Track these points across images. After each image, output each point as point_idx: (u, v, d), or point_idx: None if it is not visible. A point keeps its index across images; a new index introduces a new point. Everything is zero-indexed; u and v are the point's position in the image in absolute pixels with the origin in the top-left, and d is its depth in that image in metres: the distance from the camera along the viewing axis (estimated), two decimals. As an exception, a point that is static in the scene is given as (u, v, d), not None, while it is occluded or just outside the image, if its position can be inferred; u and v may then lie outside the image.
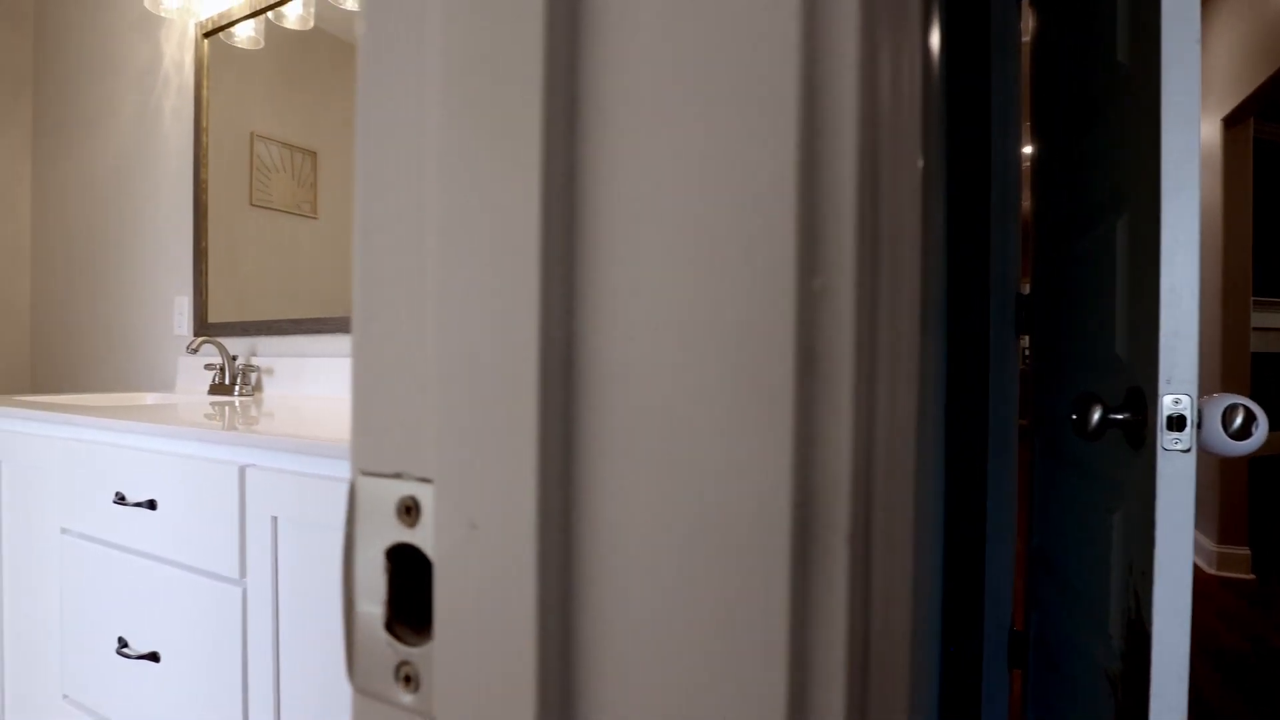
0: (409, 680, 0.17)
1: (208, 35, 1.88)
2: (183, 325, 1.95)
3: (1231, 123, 2.66)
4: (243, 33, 1.84)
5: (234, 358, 1.71)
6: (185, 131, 1.98)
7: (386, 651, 0.17)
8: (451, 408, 0.15)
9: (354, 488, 0.18)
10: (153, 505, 0.97)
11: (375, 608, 0.17)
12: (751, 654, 0.13)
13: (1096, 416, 0.75)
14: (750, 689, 0.13)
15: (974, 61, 1.22)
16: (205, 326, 1.86)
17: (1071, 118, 1.03)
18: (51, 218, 2.43)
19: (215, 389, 1.70)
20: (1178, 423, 0.66)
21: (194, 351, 1.62)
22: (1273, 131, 3.46)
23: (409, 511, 0.17)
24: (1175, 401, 0.66)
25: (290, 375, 1.66)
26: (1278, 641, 2.18)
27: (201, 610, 0.92)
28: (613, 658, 0.14)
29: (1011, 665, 1.25)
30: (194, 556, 0.92)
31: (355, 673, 0.18)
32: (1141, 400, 0.73)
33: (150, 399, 1.73)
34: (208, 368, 1.74)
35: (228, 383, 1.70)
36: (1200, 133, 0.66)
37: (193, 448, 0.94)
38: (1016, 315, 1.24)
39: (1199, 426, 0.67)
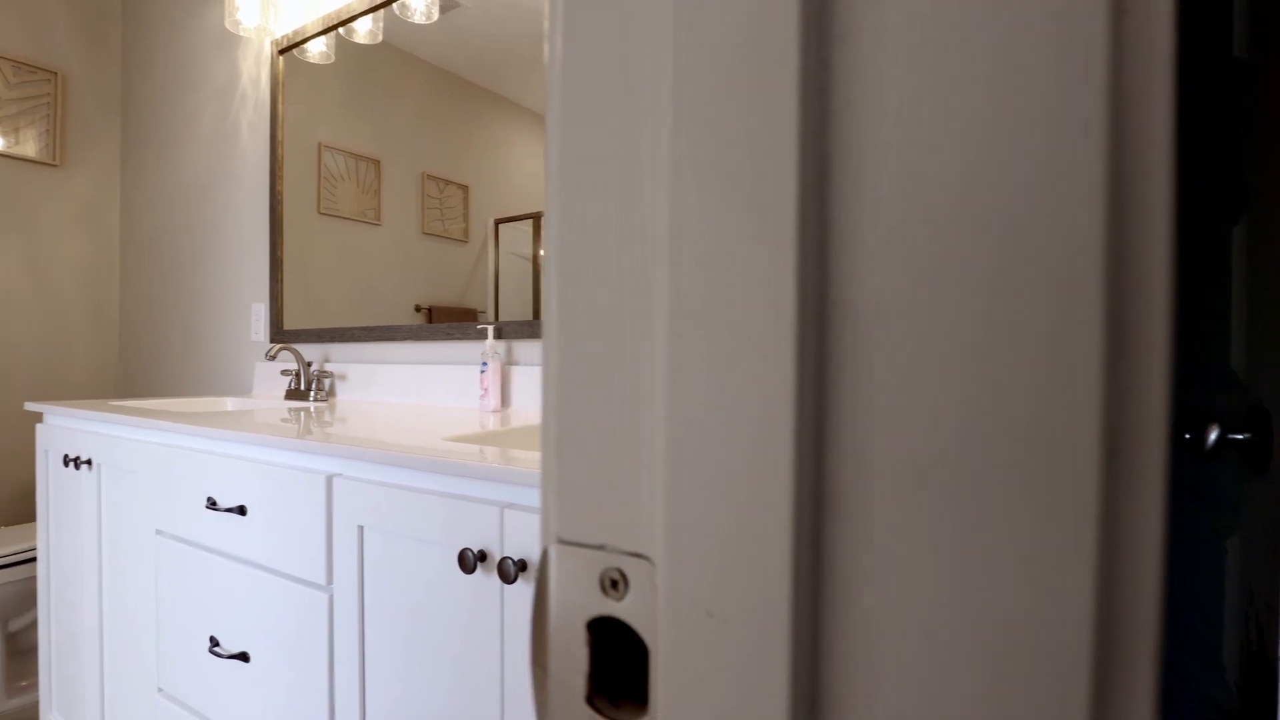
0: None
1: (283, 52, 1.95)
2: (259, 332, 2.03)
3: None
4: (315, 48, 1.90)
5: (309, 364, 1.77)
6: (261, 145, 2.05)
7: (588, 725, 0.17)
8: (686, 492, 0.15)
9: (547, 555, 0.17)
10: (243, 511, 1.01)
11: (575, 678, 0.17)
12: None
13: (1214, 436, 0.70)
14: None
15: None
16: (280, 333, 1.93)
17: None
18: (138, 229, 2.56)
19: (291, 394, 1.76)
20: (1312, 446, 0.61)
21: (272, 358, 1.68)
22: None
23: (615, 586, 0.16)
24: (1310, 423, 0.62)
25: (362, 381, 1.71)
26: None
27: (289, 614, 0.95)
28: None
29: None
30: (282, 562, 0.95)
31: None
32: (1266, 421, 0.68)
33: (230, 404, 1.80)
34: (284, 373, 1.80)
35: (303, 388, 1.75)
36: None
37: (282, 456, 0.97)
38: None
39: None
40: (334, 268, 1.91)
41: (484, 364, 1.38)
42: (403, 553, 0.81)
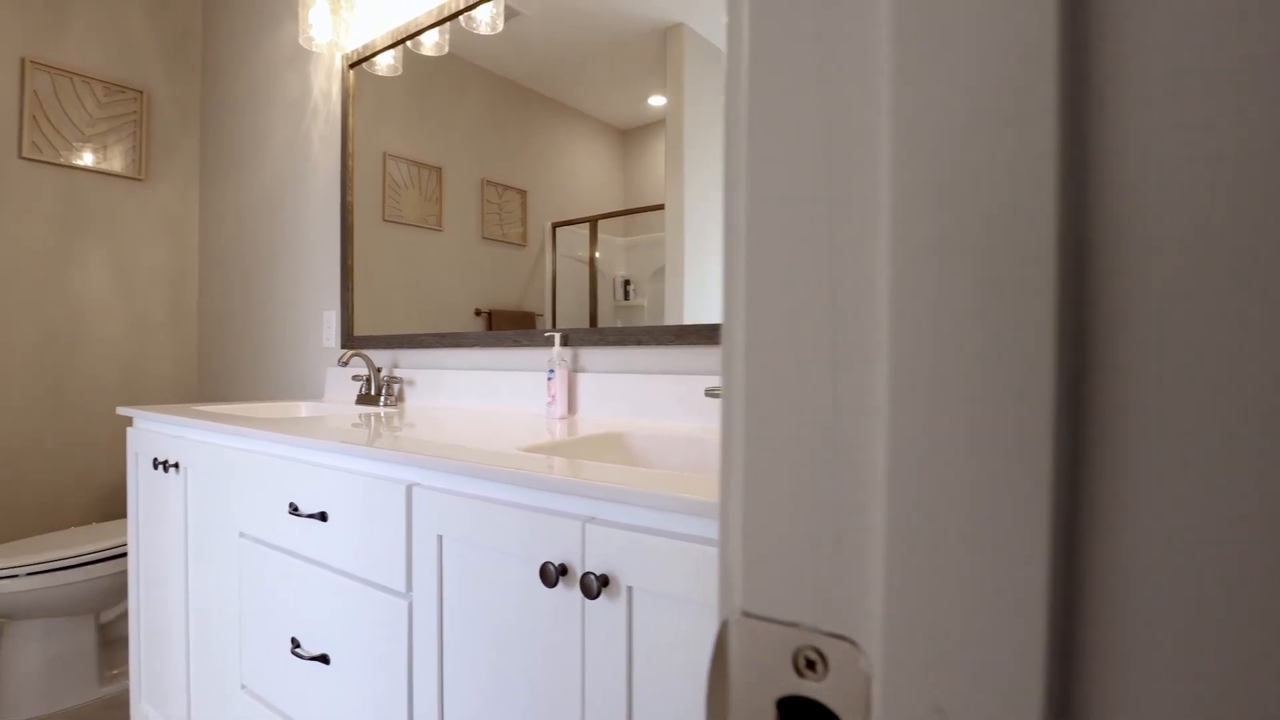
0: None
1: (353, 66, 2.00)
2: (330, 338, 2.10)
3: None
4: (383, 61, 1.95)
5: (378, 369, 1.82)
6: (332, 156, 2.12)
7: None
8: (914, 578, 0.14)
9: (728, 627, 0.16)
10: (324, 517, 1.03)
11: (763, 758, 0.16)
12: None
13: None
14: None
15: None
16: (351, 339, 1.99)
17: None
18: (215, 239, 2.68)
19: (362, 399, 1.81)
20: None
21: (344, 364, 1.73)
22: None
23: (811, 666, 0.15)
24: None
25: (429, 386, 1.74)
26: None
27: (369, 619, 0.97)
28: None
29: None
30: (362, 568, 0.98)
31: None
32: None
33: (304, 409, 1.86)
34: (355, 378, 1.85)
35: (373, 393, 1.80)
36: None
37: (362, 464, 1.00)
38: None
39: None
40: (398, 273, 1.96)
41: (551, 371, 1.38)
42: (482, 563, 0.82)
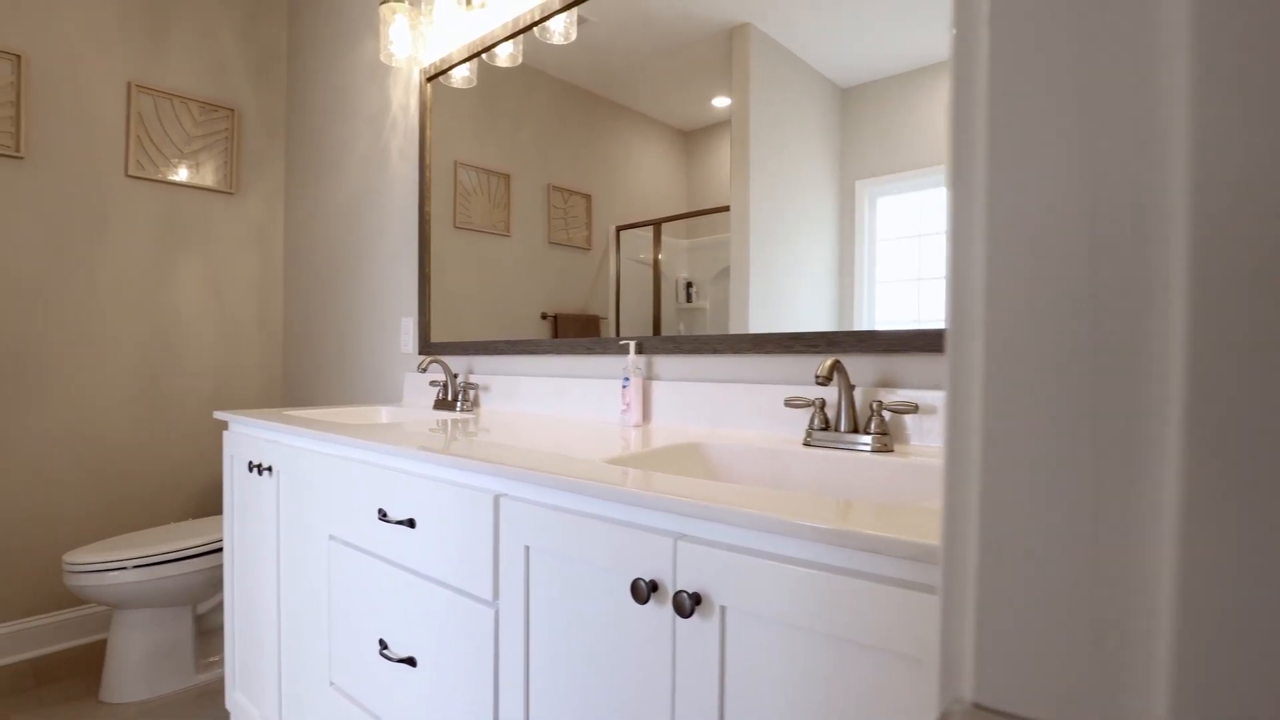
0: None
1: (430, 79, 2.06)
2: (408, 344, 2.16)
3: None
4: (458, 74, 2.00)
5: (455, 375, 1.86)
6: (410, 167, 2.18)
7: None
8: (1216, 685, 0.12)
9: (951, 716, 0.15)
10: (412, 524, 1.06)
11: None
12: None
13: None
14: None
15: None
16: (428, 345, 2.04)
17: None
18: (299, 248, 2.80)
19: (439, 404, 1.86)
20: None
21: (423, 370, 1.77)
22: None
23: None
24: None
25: (504, 392, 1.77)
26: None
27: (456, 625, 0.99)
28: None
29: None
30: (450, 575, 0.99)
31: None
32: None
33: (384, 413, 1.92)
34: (432, 384, 1.90)
35: (450, 398, 1.84)
36: None
37: (451, 474, 1.01)
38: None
39: None
40: (467, 278, 2.02)
41: (626, 379, 1.38)
42: (569, 575, 0.82)
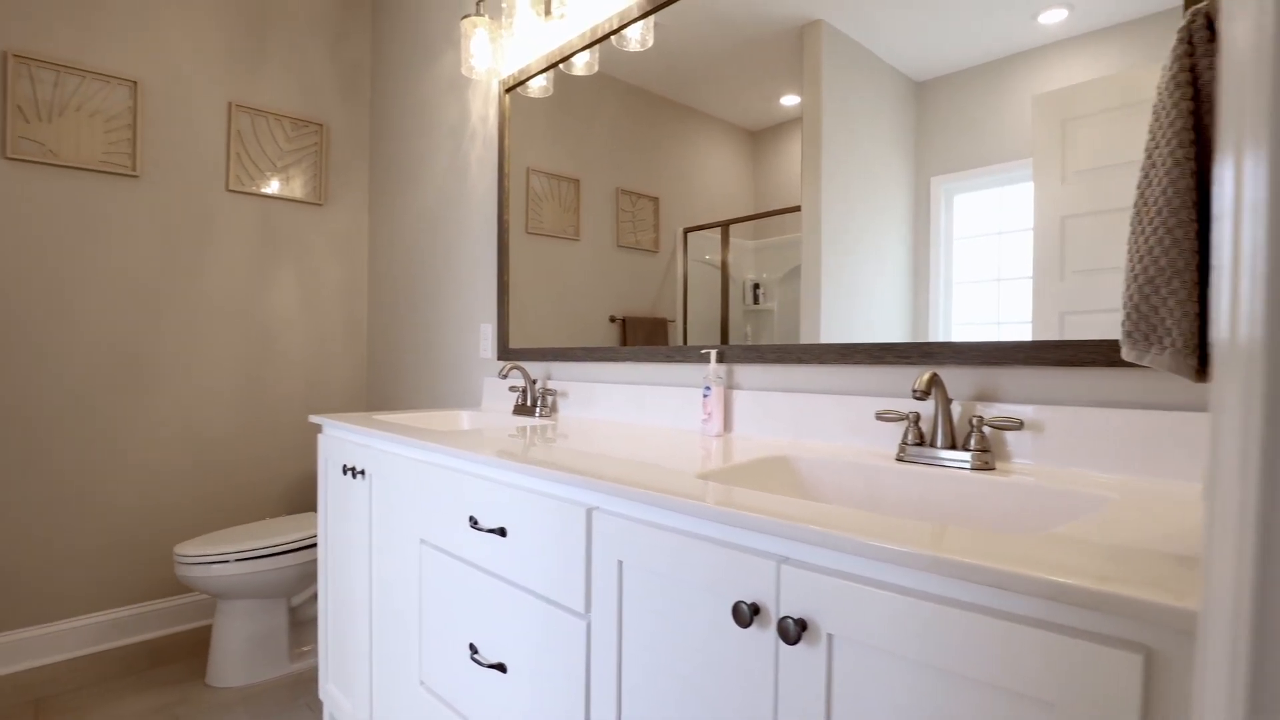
0: None
1: (508, 90, 2.10)
2: (487, 349, 2.21)
3: None
4: (535, 84, 2.03)
5: (534, 381, 1.88)
6: (489, 177, 2.23)
7: None
8: None
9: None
10: (503, 532, 1.08)
11: None
12: None
13: None
14: None
15: None
16: (507, 351, 2.08)
17: None
18: (382, 257, 2.90)
19: (518, 409, 1.89)
20: None
21: (504, 376, 1.81)
22: None
23: None
24: None
25: (582, 399, 1.79)
26: None
27: (547, 634, 1.00)
28: None
29: None
30: (541, 585, 1.01)
31: None
32: None
33: (466, 418, 1.97)
34: (511, 389, 1.93)
35: (529, 404, 1.87)
36: None
37: (542, 485, 1.03)
38: None
39: None
40: (538, 282, 2.06)
41: (707, 388, 1.37)
42: (665, 592, 0.81)
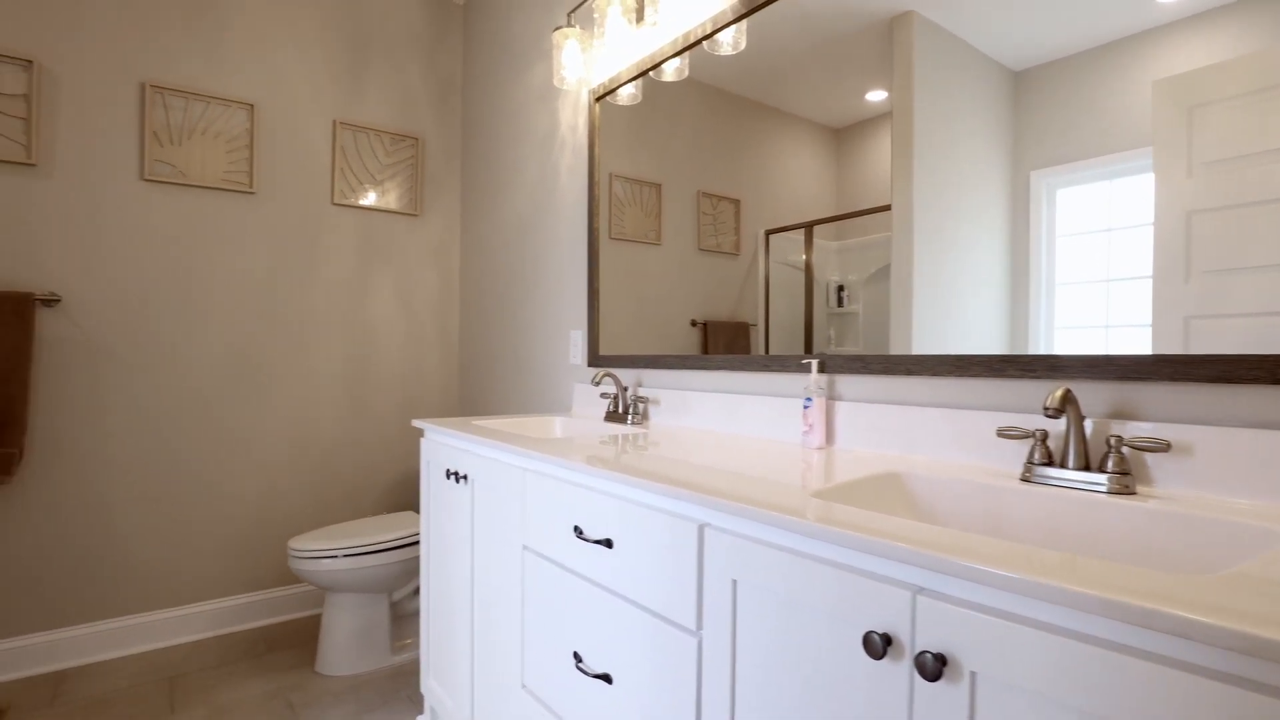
0: None
1: (599, 99, 2.12)
2: (577, 356, 2.24)
3: None
4: (625, 92, 2.03)
5: (625, 388, 1.89)
6: (578, 185, 2.26)
7: None
8: None
9: None
10: (609, 544, 1.08)
11: None
12: None
13: None
14: None
15: None
16: (598, 358, 2.10)
17: None
18: (473, 265, 2.99)
19: (610, 416, 1.90)
20: None
21: (597, 383, 1.82)
22: None
23: None
24: None
25: (674, 407, 1.78)
26: None
27: (655, 649, 1.00)
28: None
29: None
30: (649, 599, 1.00)
31: None
32: None
33: (558, 425, 2.00)
34: (602, 396, 1.95)
35: (620, 411, 1.88)
36: None
37: (650, 498, 1.02)
38: None
39: None
40: (620, 287, 2.08)
41: (808, 399, 1.34)
42: (783, 616, 0.80)
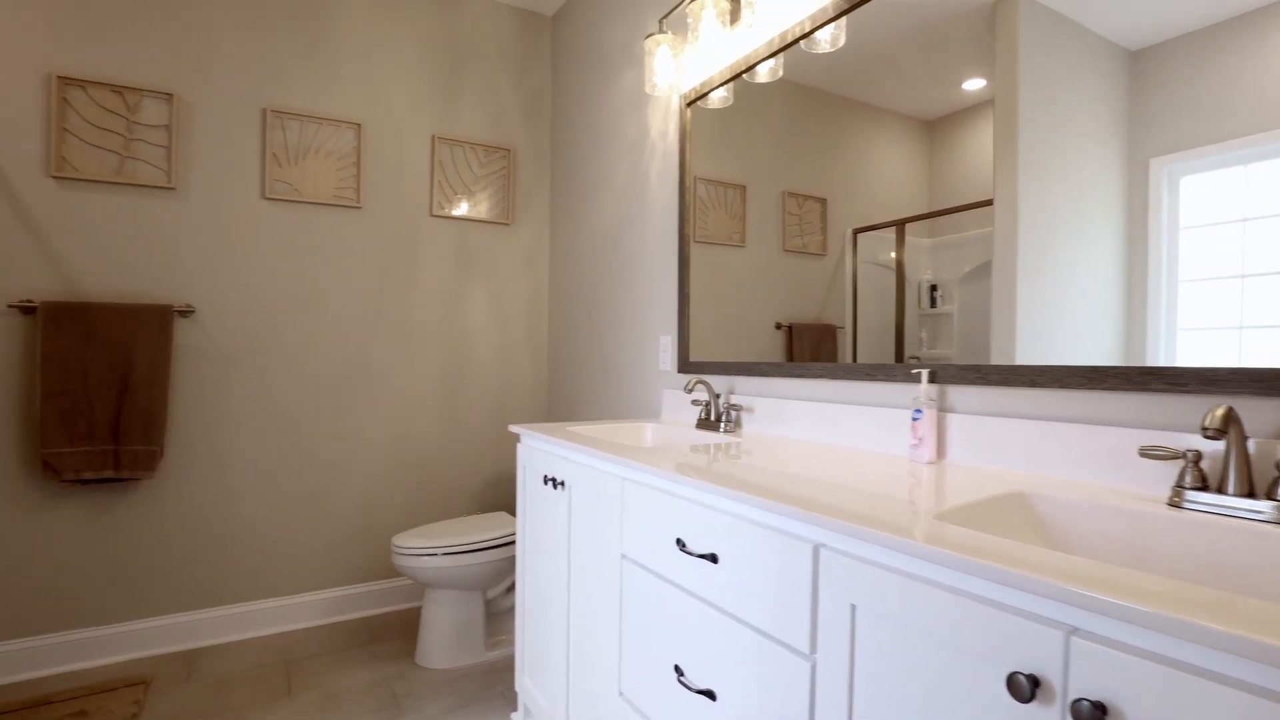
0: None
1: (690, 104, 2.10)
2: (666, 362, 2.23)
3: None
4: (716, 95, 2.01)
5: (717, 395, 1.87)
6: (668, 190, 2.25)
7: None
8: None
9: None
10: (714, 559, 1.06)
11: None
12: None
13: None
14: None
15: None
16: (687, 364, 2.09)
17: None
18: (562, 271, 3.04)
19: (702, 424, 1.88)
20: None
21: (689, 390, 1.81)
22: None
23: None
24: None
25: (769, 415, 1.74)
26: None
27: (763, 670, 0.97)
28: None
29: None
30: (756, 617, 0.98)
31: None
32: None
33: (649, 432, 1.99)
34: (694, 403, 1.93)
35: (712, 419, 1.86)
36: None
37: (758, 514, 1.00)
38: None
39: None
40: (704, 290, 2.06)
41: (917, 411, 1.28)
42: (907, 645, 0.76)
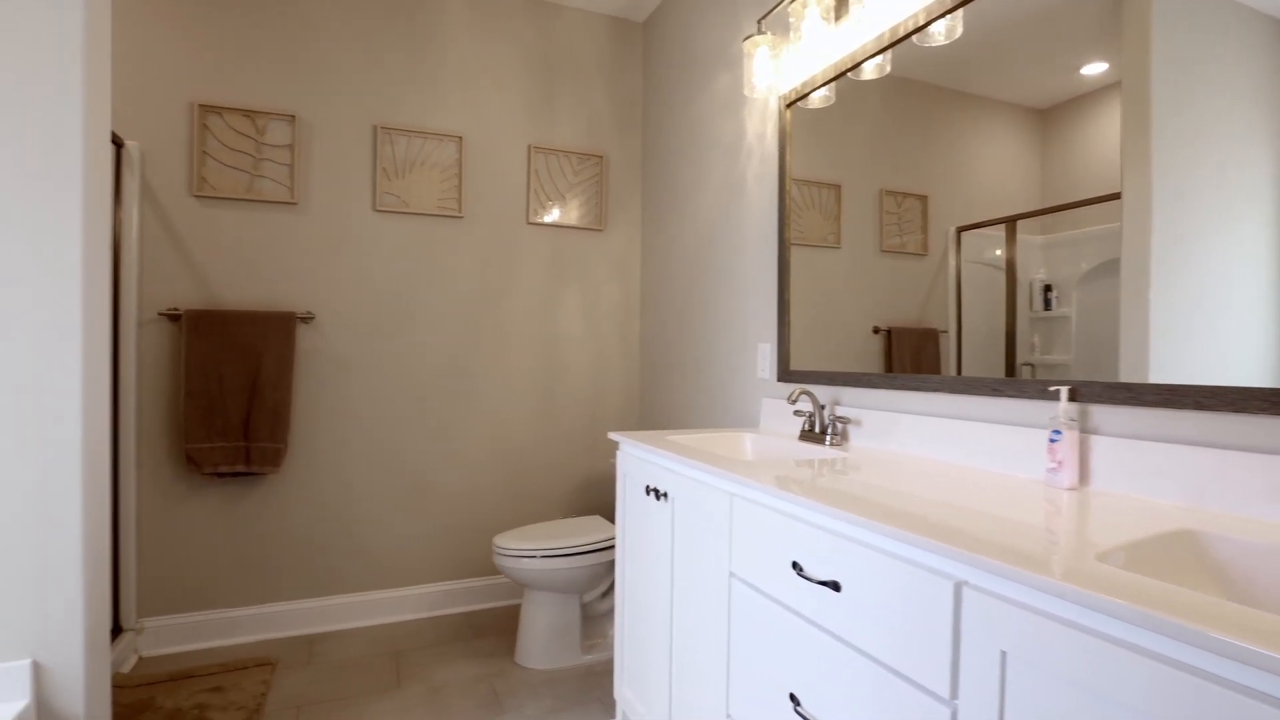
0: None
1: (790, 105, 2.04)
2: (765, 370, 2.17)
3: None
4: (817, 95, 1.94)
5: (822, 407, 1.80)
6: (767, 193, 2.20)
7: None
8: None
9: None
10: (836, 587, 1.01)
11: None
12: None
13: None
14: None
15: None
16: (788, 373, 2.02)
17: None
18: (655, 276, 3.02)
19: (805, 436, 1.82)
20: None
21: (793, 401, 1.75)
22: None
23: None
24: None
25: (879, 429, 1.66)
26: None
27: (891, 709, 0.92)
28: None
29: None
30: (885, 654, 0.92)
31: None
32: None
33: (748, 442, 1.95)
34: (796, 414, 1.87)
35: (817, 431, 1.80)
36: None
37: (887, 543, 0.95)
38: None
39: None
40: (799, 293, 2.00)
41: (1056, 432, 1.18)
42: (1074, 707, 0.69)
